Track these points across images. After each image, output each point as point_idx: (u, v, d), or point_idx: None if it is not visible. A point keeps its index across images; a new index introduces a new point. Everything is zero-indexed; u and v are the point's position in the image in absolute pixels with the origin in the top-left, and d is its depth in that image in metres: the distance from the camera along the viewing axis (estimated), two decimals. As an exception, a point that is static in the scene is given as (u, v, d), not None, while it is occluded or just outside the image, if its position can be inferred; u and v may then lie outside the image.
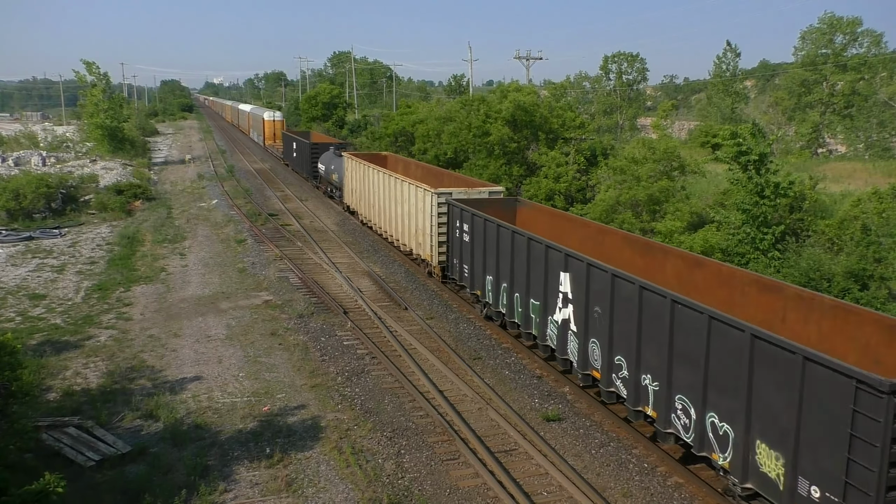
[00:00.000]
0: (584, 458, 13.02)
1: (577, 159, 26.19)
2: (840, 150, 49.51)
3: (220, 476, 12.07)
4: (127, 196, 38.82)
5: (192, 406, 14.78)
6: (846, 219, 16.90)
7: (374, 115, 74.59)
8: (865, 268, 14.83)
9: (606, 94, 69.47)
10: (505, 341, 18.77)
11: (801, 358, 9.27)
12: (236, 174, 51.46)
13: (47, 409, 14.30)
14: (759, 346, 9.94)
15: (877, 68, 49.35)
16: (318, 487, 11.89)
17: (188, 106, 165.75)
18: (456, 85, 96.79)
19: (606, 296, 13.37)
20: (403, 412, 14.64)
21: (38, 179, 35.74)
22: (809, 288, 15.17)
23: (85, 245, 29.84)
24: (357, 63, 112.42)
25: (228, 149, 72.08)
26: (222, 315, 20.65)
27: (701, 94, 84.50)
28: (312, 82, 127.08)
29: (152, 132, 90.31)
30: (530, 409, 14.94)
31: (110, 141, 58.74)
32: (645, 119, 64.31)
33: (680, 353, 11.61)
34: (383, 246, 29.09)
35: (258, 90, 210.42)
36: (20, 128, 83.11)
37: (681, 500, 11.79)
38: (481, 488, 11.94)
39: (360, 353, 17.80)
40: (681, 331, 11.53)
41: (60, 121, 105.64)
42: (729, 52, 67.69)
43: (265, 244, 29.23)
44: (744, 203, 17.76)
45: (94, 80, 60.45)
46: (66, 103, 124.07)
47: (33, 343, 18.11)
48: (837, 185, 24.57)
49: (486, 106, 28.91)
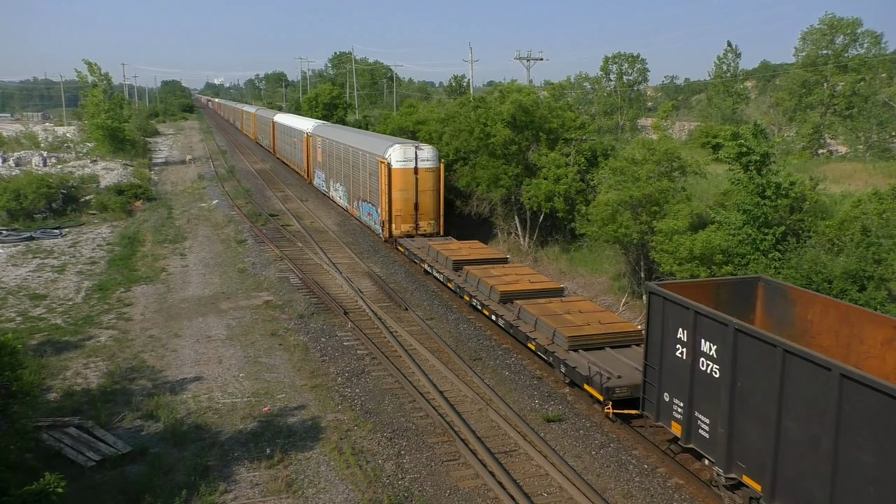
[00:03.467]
0: (584, 458, 13.02)
1: (578, 160, 26.16)
2: (840, 150, 49.48)
3: (220, 476, 12.08)
4: (127, 196, 38.84)
5: (193, 406, 14.78)
6: (846, 219, 16.87)
7: (375, 115, 74.58)
8: (864, 269, 14.81)
9: (607, 95, 69.46)
10: (505, 342, 18.76)
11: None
12: (237, 175, 51.46)
13: (48, 410, 14.30)
14: None
15: (877, 69, 49.35)
16: (318, 488, 11.89)
17: (189, 106, 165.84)
18: (456, 85, 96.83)
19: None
20: (404, 413, 14.64)
21: (38, 180, 35.79)
22: (810, 289, 15.17)
23: (85, 245, 29.85)
24: (357, 63, 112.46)
25: (229, 149, 72.09)
26: (223, 315, 20.65)
27: (701, 94, 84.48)
28: (313, 83, 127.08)
29: (153, 133, 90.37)
30: (530, 409, 14.94)
31: (111, 141, 58.76)
32: (646, 120, 64.28)
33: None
34: (383, 246, 29.12)
35: (259, 91, 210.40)
36: (21, 128, 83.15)
37: (681, 501, 11.79)
38: (482, 489, 11.94)
39: (361, 354, 17.80)
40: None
41: (61, 121, 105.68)
42: (729, 53, 67.69)
43: (265, 244, 29.24)
44: (745, 204, 17.74)
45: (96, 81, 60.52)
46: (66, 104, 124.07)
47: (34, 343, 18.12)
48: (838, 185, 24.56)
49: (485, 109, 28.88)
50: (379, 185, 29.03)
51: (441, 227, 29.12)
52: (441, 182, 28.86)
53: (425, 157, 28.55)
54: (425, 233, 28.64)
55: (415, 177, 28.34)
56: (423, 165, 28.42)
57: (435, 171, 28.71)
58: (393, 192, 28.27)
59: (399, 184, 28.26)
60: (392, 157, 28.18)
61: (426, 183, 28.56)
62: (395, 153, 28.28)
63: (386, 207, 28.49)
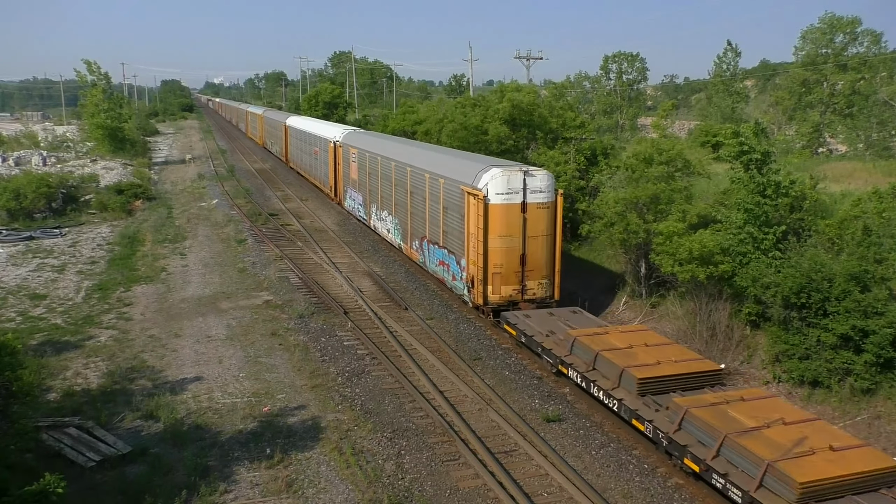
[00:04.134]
0: (584, 458, 13.02)
1: (578, 159, 26.18)
2: (840, 149, 49.47)
3: (220, 476, 12.08)
4: (127, 196, 38.82)
5: (193, 406, 14.78)
6: (846, 219, 16.88)
7: (375, 114, 74.55)
8: (867, 269, 14.81)
9: (607, 94, 69.44)
10: (505, 342, 18.76)
11: None
12: (237, 174, 51.45)
13: (48, 410, 14.30)
14: None
15: (877, 68, 49.29)
16: (318, 488, 11.89)
17: (188, 106, 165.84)
18: (456, 85, 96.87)
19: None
20: (404, 413, 14.64)
21: (38, 179, 35.76)
22: (810, 288, 15.17)
23: (85, 245, 29.84)
24: (357, 63, 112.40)
25: (229, 149, 72.07)
26: (223, 315, 20.65)
27: (701, 93, 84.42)
28: (313, 82, 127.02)
29: (153, 132, 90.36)
30: (530, 409, 14.93)
31: (111, 141, 58.77)
32: (645, 119, 64.27)
33: None
34: (384, 246, 29.09)
35: (258, 90, 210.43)
36: (21, 128, 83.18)
37: (681, 501, 11.79)
38: (482, 489, 11.95)
39: (361, 354, 17.80)
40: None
41: (61, 121, 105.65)
42: (729, 52, 67.60)
43: (265, 244, 29.23)
44: (745, 203, 17.75)
45: (95, 80, 60.48)
46: (66, 103, 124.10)
47: (34, 343, 18.12)
48: (838, 184, 24.55)
49: (483, 108, 28.88)
50: (464, 225, 20.08)
51: (556, 290, 20.17)
52: (559, 222, 19.90)
53: (538, 186, 19.37)
54: (534, 297, 19.84)
55: (522, 216, 19.26)
56: (534, 199, 19.31)
57: (550, 206, 19.62)
58: (490, 238, 19.25)
59: (499, 226, 19.19)
60: (490, 187, 19.08)
61: (538, 225, 19.48)
62: (494, 182, 19.10)
63: (478, 260, 19.39)
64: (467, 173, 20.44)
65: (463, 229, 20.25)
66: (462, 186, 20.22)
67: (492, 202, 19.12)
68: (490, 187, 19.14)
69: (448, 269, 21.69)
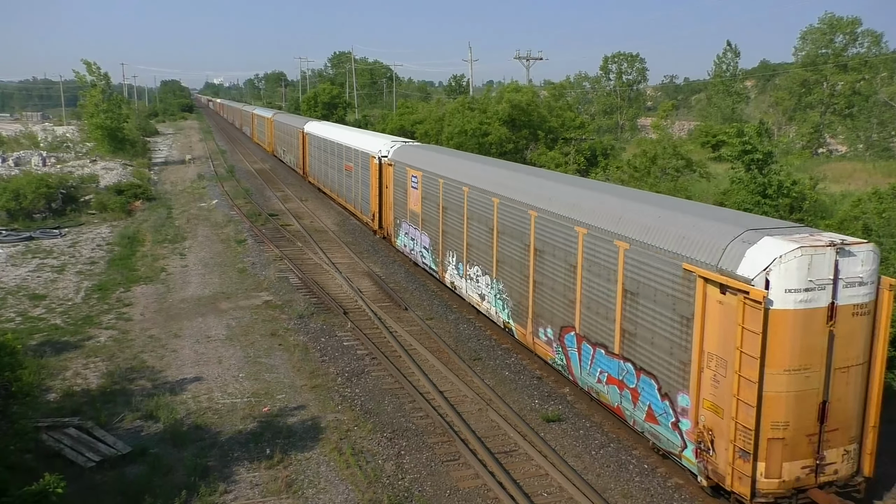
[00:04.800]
0: (584, 458, 13.01)
1: (577, 159, 26.20)
2: (840, 150, 49.50)
3: (220, 477, 12.07)
4: (127, 196, 38.83)
5: (192, 407, 14.77)
6: (846, 219, 16.90)
7: (374, 115, 74.53)
8: None
9: (606, 95, 69.50)
10: (505, 342, 18.75)
11: None
12: (236, 174, 51.46)
13: (47, 410, 14.28)
14: None
15: (877, 68, 49.35)
16: (318, 488, 11.88)
17: (188, 106, 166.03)
18: (456, 85, 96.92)
19: None
20: (403, 413, 14.63)
21: (38, 180, 35.77)
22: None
23: (85, 245, 29.84)
24: (357, 63, 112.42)
25: (228, 149, 72.09)
26: (222, 315, 20.64)
27: (701, 94, 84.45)
28: (313, 82, 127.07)
29: (152, 132, 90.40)
30: (530, 409, 14.93)
31: (110, 141, 58.83)
32: (645, 119, 64.29)
33: None
34: (383, 246, 29.10)
35: (258, 90, 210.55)
36: (20, 128, 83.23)
37: (681, 502, 11.78)
38: (481, 489, 11.94)
39: (360, 354, 17.79)
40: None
41: (61, 121, 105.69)
42: (729, 53, 67.73)
43: (265, 244, 29.23)
44: (745, 203, 17.77)
45: (94, 81, 60.51)
46: (66, 103, 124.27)
47: (33, 343, 18.10)
48: (838, 185, 24.58)
49: (480, 110, 28.92)
50: (691, 336, 11.07)
51: (869, 462, 10.83)
52: (884, 337, 10.49)
53: (856, 272, 10.06)
54: (835, 478, 10.65)
55: (828, 331, 10.09)
56: (850, 298, 10.11)
57: (871, 310, 10.40)
58: (770, 371, 10.01)
59: (789, 351, 10.00)
60: (775, 277, 9.81)
61: (852, 345, 10.35)
62: (785, 267, 9.76)
63: (735, 409, 10.28)
64: (710, 242, 10.88)
65: (689, 344, 11.18)
66: (695, 268, 10.88)
67: (777, 306, 9.89)
68: (775, 276, 9.85)
69: (637, 400, 12.67)
